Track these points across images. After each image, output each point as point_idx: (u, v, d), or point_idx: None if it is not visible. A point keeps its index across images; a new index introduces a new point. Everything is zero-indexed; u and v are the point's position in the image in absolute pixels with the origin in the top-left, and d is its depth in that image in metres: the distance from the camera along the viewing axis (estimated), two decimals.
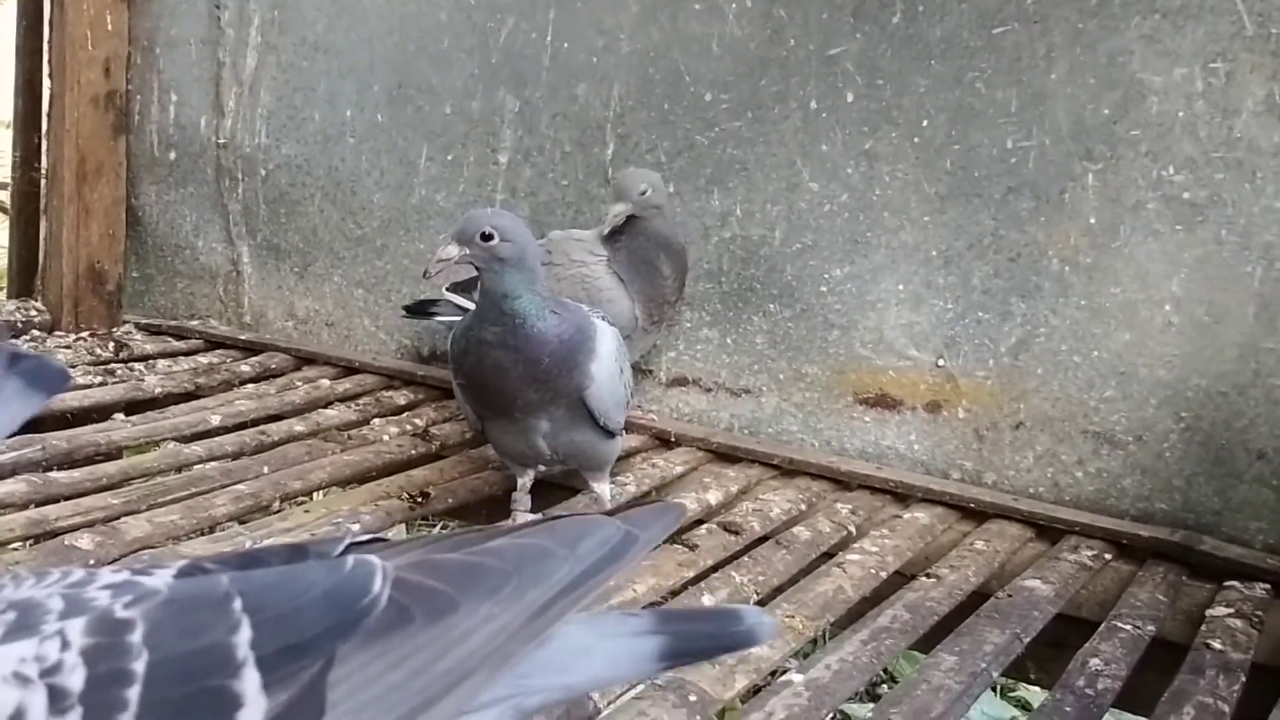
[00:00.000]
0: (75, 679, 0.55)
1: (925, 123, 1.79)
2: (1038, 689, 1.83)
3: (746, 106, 1.92)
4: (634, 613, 0.72)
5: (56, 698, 0.54)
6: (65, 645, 0.56)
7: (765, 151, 1.91)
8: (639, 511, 0.71)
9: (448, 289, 1.93)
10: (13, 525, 1.37)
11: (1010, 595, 1.40)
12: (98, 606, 0.59)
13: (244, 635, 0.58)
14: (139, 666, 0.56)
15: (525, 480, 1.57)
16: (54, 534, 1.39)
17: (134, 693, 0.55)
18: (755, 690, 1.19)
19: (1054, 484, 1.74)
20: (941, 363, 1.81)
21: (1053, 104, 1.69)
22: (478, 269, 1.40)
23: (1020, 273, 1.75)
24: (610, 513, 0.71)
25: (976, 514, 1.71)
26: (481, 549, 0.66)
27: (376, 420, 1.93)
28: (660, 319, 1.85)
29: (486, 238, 1.37)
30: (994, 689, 2.30)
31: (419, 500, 1.58)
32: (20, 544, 1.37)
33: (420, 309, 2.03)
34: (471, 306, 1.92)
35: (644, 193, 1.77)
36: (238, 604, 0.59)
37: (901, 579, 1.47)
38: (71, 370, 1.13)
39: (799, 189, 1.89)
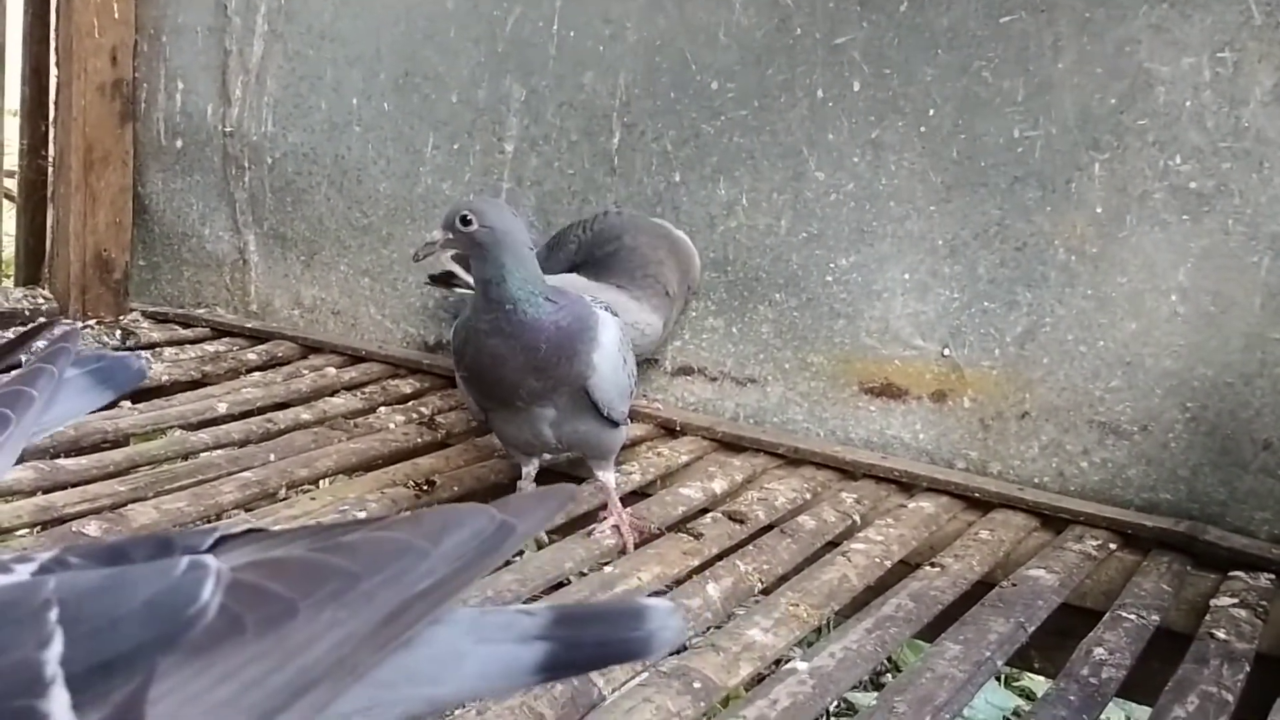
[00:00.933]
0: None
1: (932, 112, 1.78)
2: (1042, 678, 1.84)
3: (753, 95, 1.92)
4: (528, 611, 0.63)
5: None
6: None
7: (771, 140, 1.91)
8: (519, 498, 0.65)
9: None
10: (20, 512, 1.38)
11: (1015, 585, 1.40)
12: None
13: (55, 650, 0.53)
14: None
15: (530, 469, 1.57)
16: (62, 520, 1.40)
17: None
18: (759, 678, 1.19)
19: (1059, 474, 1.74)
20: (947, 352, 1.81)
21: (1060, 93, 1.69)
22: (465, 255, 1.40)
23: (1026, 262, 1.74)
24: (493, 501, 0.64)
25: (981, 503, 1.71)
26: (332, 544, 0.60)
27: (383, 408, 1.94)
28: (677, 299, 1.86)
29: (465, 222, 1.37)
30: (998, 678, 2.31)
31: (425, 488, 1.59)
32: (28, 530, 1.38)
33: (445, 279, 2.04)
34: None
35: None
36: (54, 614, 0.54)
37: (906, 568, 1.47)
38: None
39: (805, 178, 1.89)
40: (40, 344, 1.08)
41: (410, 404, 1.98)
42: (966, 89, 1.75)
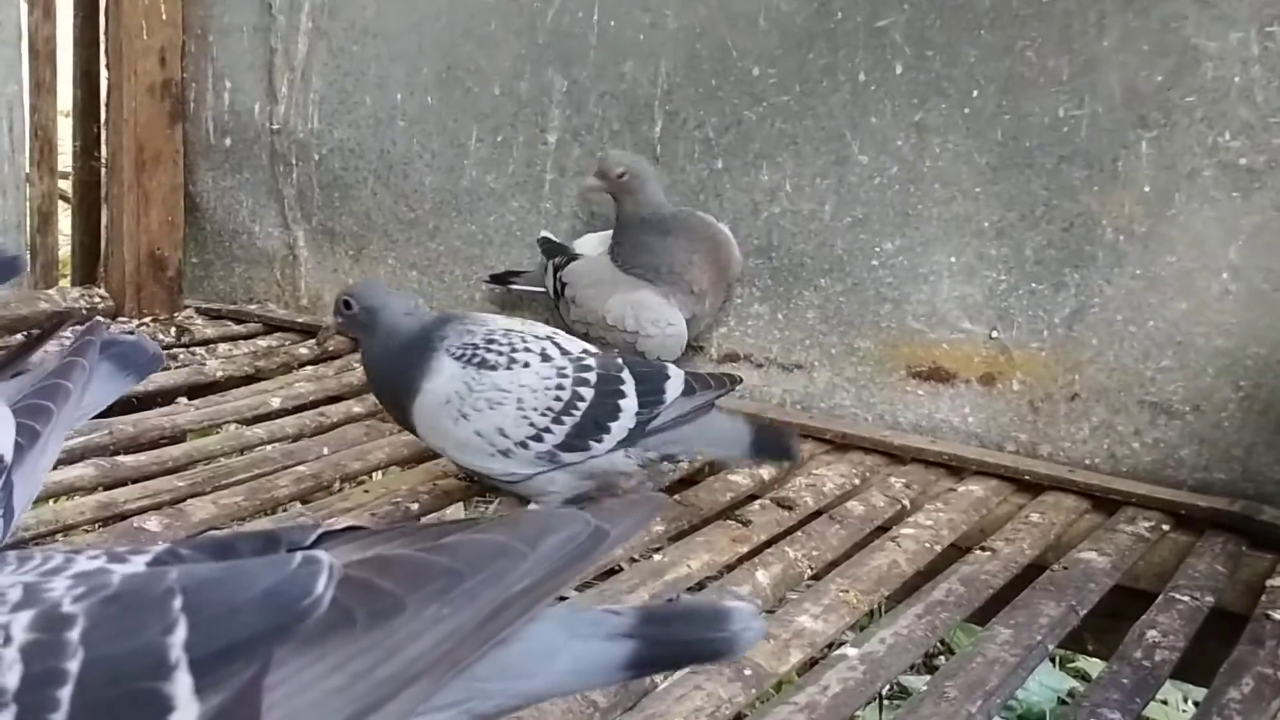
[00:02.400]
0: (12, 677, 0.55)
1: (975, 93, 1.77)
2: (1097, 660, 1.83)
3: (794, 80, 1.91)
4: (616, 610, 0.67)
5: None
6: (7, 640, 0.56)
7: (814, 125, 1.91)
8: (613, 504, 0.68)
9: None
10: (83, 508, 1.41)
11: (1066, 568, 1.40)
12: (49, 600, 0.58)
13: (179, 636, 0.56)
14: (73, 666, 0.55)
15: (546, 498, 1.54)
16: (122, 516, 1.43)
17: (66, 693, 0.54)
18: (810, 664, 1.20)
19: (1110, 455, 1.73)
20: (995, 334, 1.80)
21: (1105, 71, 1.67)
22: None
23: (1074, 243, 1.73)
24: (584, 507, 0.67)
25: (1032, 486, 1.70)
26: (437, 545, 0.63)
27: None
28: (707, 296, 1.87)
29: (347, 306, 1.49)
30: (1052, 660, 2.29)
31: (475, 479, 1.60)
32: (91, 526, 1.41)
33: (504, 278, 2.13)
34: (541, 289, 1.99)
35: (621, 175, 1.85)
36: (177, 602, 0.57)
37: (956, 552, 1.47)
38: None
39: (849, 162, 1.88)
40: (67, 337, 1.12)
41: None
42: (1010, 69, 1.74)
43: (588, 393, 1.40)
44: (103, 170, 2.49)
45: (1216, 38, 1.60)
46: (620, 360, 1.46)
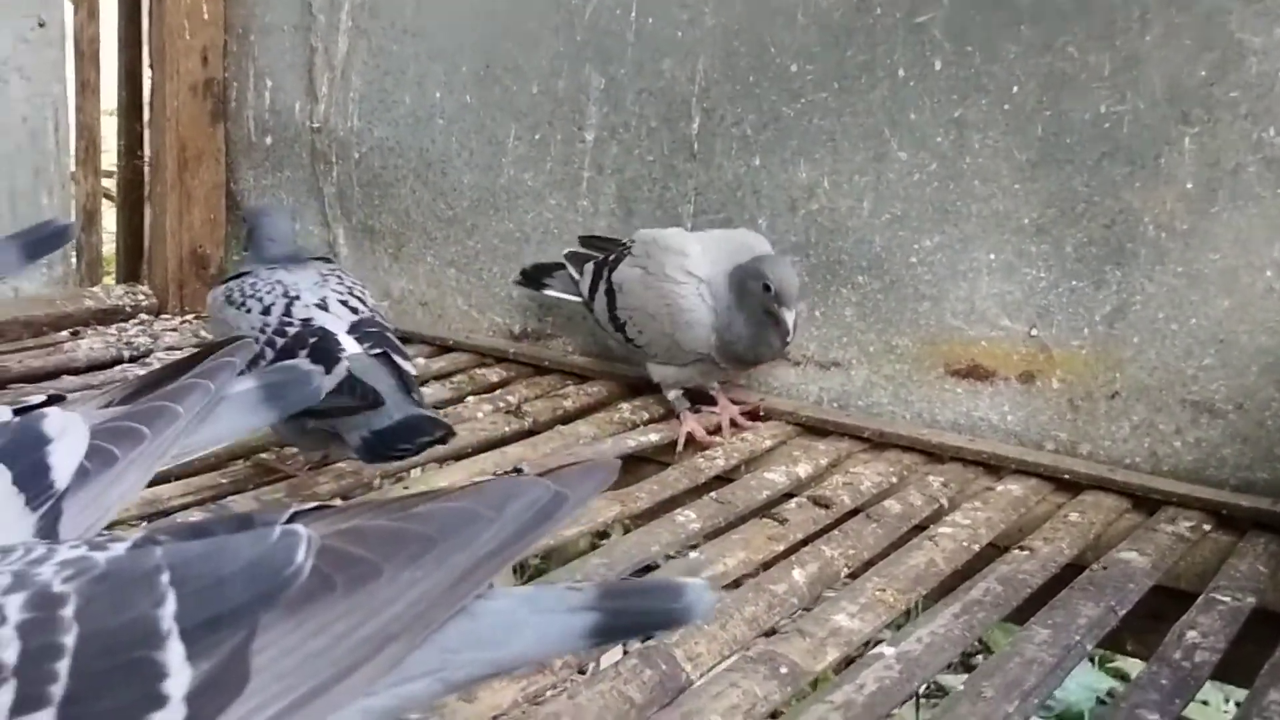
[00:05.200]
0: (10, 653, 0.58)
1: (1015, 89, 1.76)
2: (1136, 660, 1.81)
3: (833, 77, 1.91)
4: (576, 586, 0.71)
5: None
6: (3, 620, 0.60)
7: (852, 121, 1.90)
8: (569, 470, 0.71)
9: (565, 255, 2.04)
10: (129, 505, 1.43)
11: (1105, 568, 1.39)
12: (39, 581, 0.62)
13: (169, 608, 0.60)
14: (69, 640, 0.59)
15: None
16: (167, 512, 1.45)
17: (64, 665, 0.58)
18: (847, 662, 1.20)
19: (1151, 454, 1.71)
20: (1035, 332, 1.79)
21: (1147, 67, 1.66)
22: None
23: (1115, 240, 1.71)
24: (542, 473, 0.71)
25: (1071, 485, 1.69)
26: (408, 514, 0.67)
27: (470, 398, 1.97)
28: (741, 365, 1.86)
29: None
30: (1091, 660, 2.28)
31: (513, 476, 1.61)
32: (137, 522, 1.43)
33: (534, 278, 2.10)
34: (575, 298, 1.98)
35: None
36: (165, 577, 0.62)
37: (995, 551, 1.46)
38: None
39: (887, 159, 1.88)
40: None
41: (497, 393, 2.01)
42: (1051, 65, 1.72)
43: None
44: (146, 169, 2.52)
45: (1261, 32, 1.58)
46: None
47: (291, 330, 1.48)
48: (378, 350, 1.46)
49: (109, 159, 2.74)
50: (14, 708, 0.57)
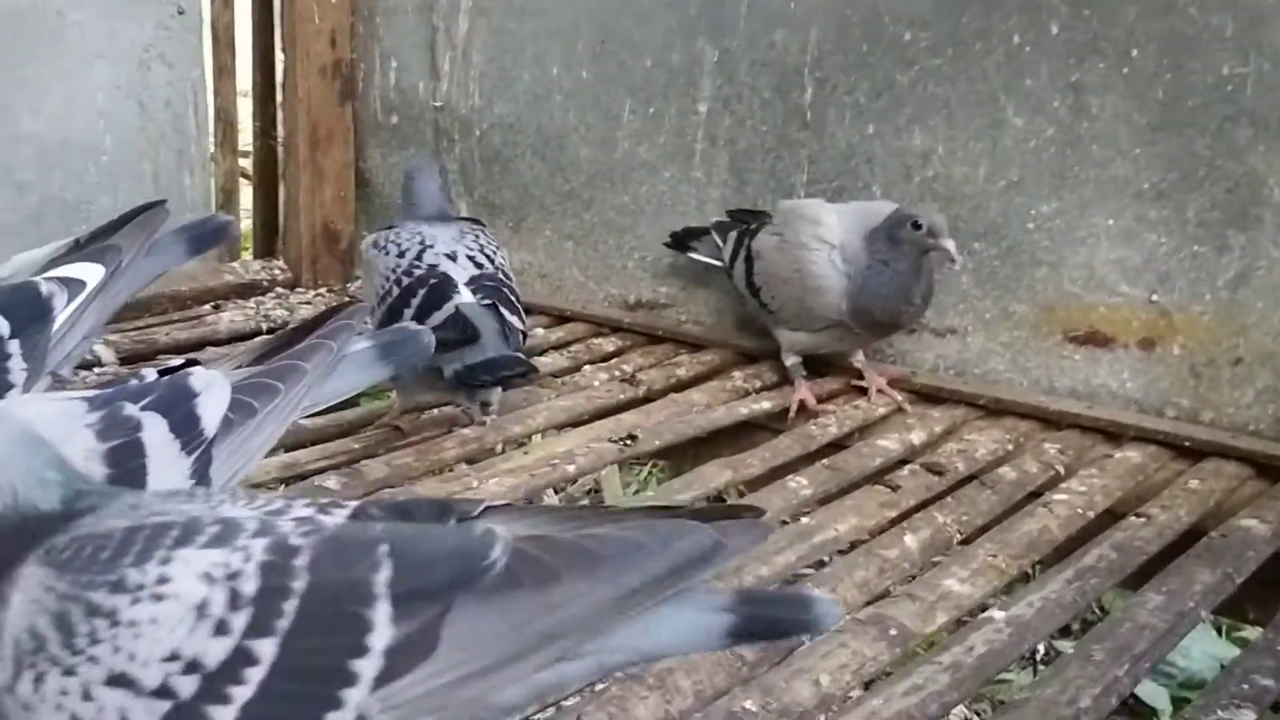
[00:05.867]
0: (250, 585, 0.70)
1: (1135, 52, 1.73)
2: (1259, 628, 1.78)
3: (947, 43, 1.90)
4: (719, 590, 0.80)
5: (233, 597, 0.70)
6: (248, 558, 0.71)
7: (967, 88, 1.89)
8: (730, 525, 0.79)
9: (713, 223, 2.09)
10: (268, 468, 1.52)
11: (1224, 535, 1.38)
12: (280, 532, 0.73)
13: (384, 574, 0.71)
14: (299, 585, 0.71)
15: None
16: (303, 476, 1.53)
17: (291, 605, 0.70)
18: (957, 625, 1.22)
19: (1276, 421, 1.68)
20: (1155, 298, 1.77)
21: (1271, 27, 1.61)
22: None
23: (1238, 204, 1.68)
24: (707, 519, 0.79)
25: (1192, 452, 1.67)
26: (591, 534, 0.77)
27: (587, 367, 2.02)
28: (877, 330, 1.88)
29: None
30: (1218, 629, 2.24)
31: (628, 442, 1.66)
32: (276, 485, 1.52)
33: (681, 241, 2.14)
34: (718, 263, 2.02)
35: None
36: (384, 549, 0.72)
37: (1110, 519, 1.46)
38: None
39: (1003, 125, 1.86)
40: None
41: (612, 362, 2.05)
42: (1171, 27, 1.69)
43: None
44: (280, 149, 2.62)
45: None
46: None
47: (418, 272, 1.66)
48: (488, 301, 1.62)
49: (245, 139, 2.86)
50: (247, 630, 0.69)
